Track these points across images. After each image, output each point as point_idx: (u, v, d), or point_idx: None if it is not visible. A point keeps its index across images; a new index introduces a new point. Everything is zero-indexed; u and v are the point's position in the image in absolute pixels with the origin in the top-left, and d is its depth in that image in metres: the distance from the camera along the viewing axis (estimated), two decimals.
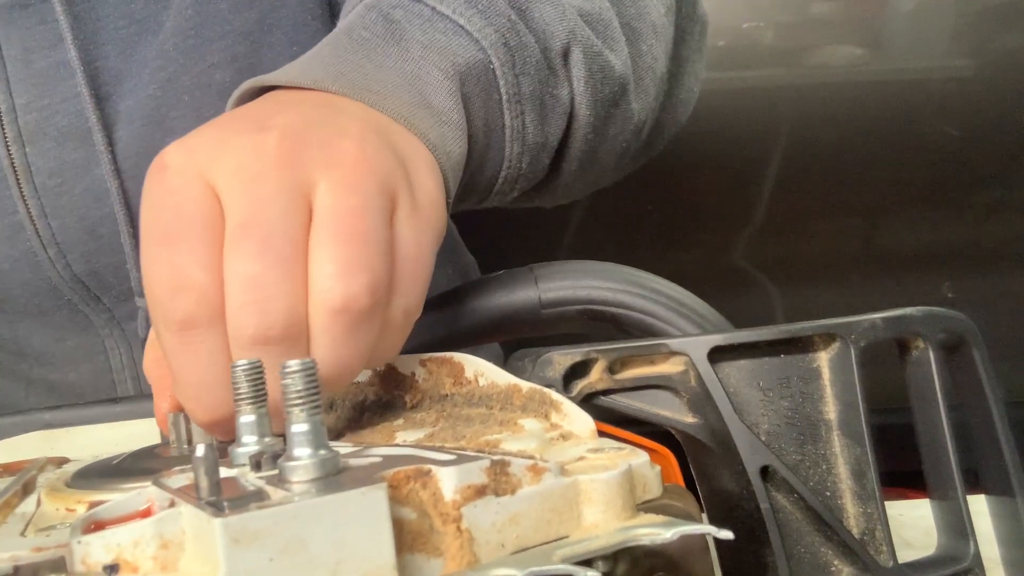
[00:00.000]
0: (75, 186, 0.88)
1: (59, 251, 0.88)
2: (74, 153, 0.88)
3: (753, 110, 1.67)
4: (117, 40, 0.86)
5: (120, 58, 0.87)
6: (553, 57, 0.67)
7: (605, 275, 0.60)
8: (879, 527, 0.46)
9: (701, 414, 0.48)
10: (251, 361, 0.40)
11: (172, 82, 0.87)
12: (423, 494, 0.32)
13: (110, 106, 0.86)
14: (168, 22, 0.86)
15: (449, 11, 0.63)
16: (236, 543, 0.28)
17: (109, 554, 0.31)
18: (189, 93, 0.86)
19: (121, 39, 0.87)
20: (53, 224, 0.88)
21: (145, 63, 0.87)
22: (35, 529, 0.40)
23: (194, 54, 0.87)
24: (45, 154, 0.87)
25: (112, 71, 0.86)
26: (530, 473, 0.33)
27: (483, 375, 0.48)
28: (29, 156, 0.87)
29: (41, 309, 0.92)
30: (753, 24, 1.65)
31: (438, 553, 0.31)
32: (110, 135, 0.86)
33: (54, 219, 0.88)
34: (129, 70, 0.87)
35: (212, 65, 0.87)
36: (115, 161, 0.86)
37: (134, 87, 0.87)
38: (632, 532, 0.33)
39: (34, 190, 0.87)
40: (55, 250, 0.88)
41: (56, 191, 0.88)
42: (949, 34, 1.66)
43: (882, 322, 0.49)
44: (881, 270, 1.71)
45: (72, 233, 0.88)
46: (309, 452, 0.32)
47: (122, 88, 0.87)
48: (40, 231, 0.88)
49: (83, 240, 0.89)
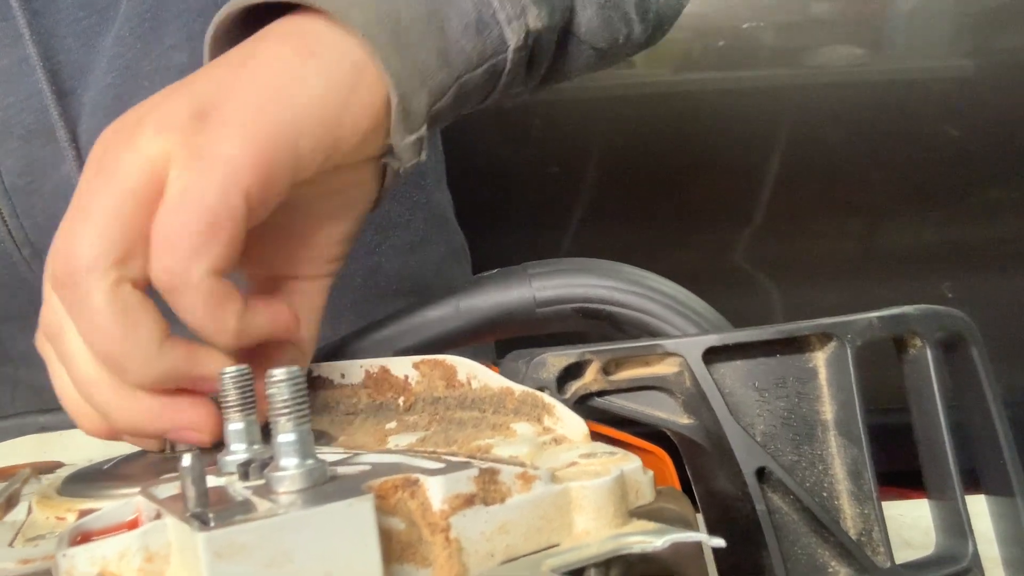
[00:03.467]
0: (44, 184, 0.87)
1: (33, 251, 0.87)
2: (41, 151, 0.86)
3: (753, 110, 1.67)
4: (78, 32, 0.85)
5: (83, 51, 0.85)
6: None
7: (601, 273, 0.60)
8: (876, 528, 0.46)
9: (696, 415, 0.48)
10: (239, 368, 0.39)
11: (131, 68, 0.85)
12: (411, 504, 0.32)
13: (74, 100, 0.85)
14: (122, 6, 0.84)
15: None
16: (219, 557, 0.27)
17: (94, 567, 0.31)
18: (149, 78, 0.84)
19: (82, 30, 0.85)
20: (25, 224, 0.87)
21: (104, 53, 0.85)
22: (24, 539, 0.39)
23: (151, 37, 0.84)
24: (12, 153, 0.86)
25: (74, 64, 0.85)
26: (520, 481, 0.33)
27: (476, 378, 0.48)
28: None
29: (21, 311, 0.91)
30: (753, 24, 1.65)
31: (427, 563, 0.31)
32: (73, 130, 0.85)
33: (26, 219, 0.87)
34: (91, 62, 0.85)
35: (171, 47, 0.85)
36: (79, 157, 0.85)
37: (96, 79, 0.85)
38: (623, 540, 0.33)
39: (4, 190, 0.86)
40: (29, 250, 0.87)
41: (25, 190, 0.87)
42: (949, 34, 1.66)
43: (879, 321, 0.49)
44: (881, 270, 1.70)
45: (45, 232, 0.87)
46: (296, 462, 0.32)
47: (85, 81, 0.85)
48: (13, 232, 0.87)
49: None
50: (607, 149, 1.60)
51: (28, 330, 0.94)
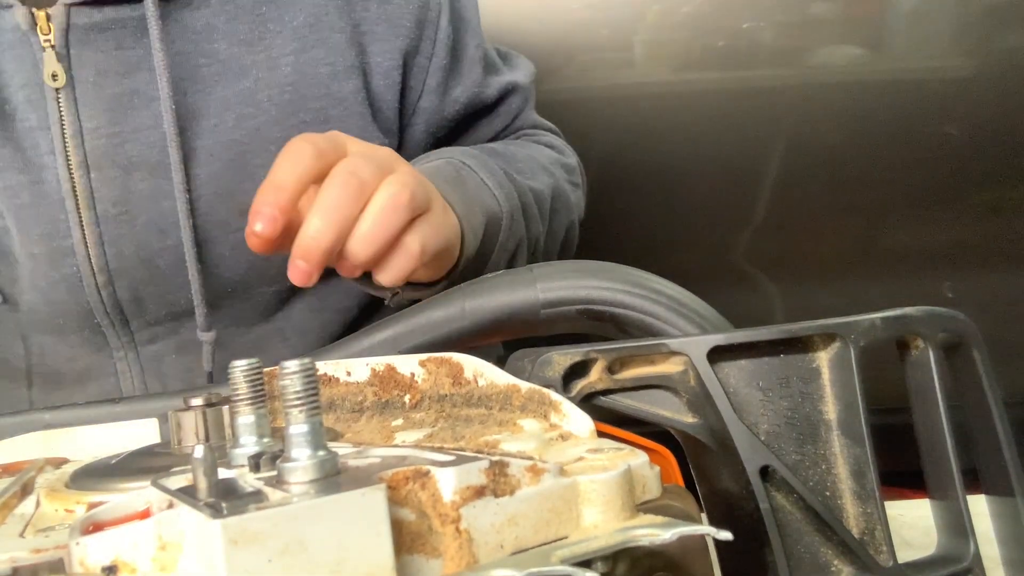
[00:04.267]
0: (138, 216, 0.89)
1: (108, 278, 0.90)
2: (141, 183, 0.89)
3: (753, 110, 1.67)
4: (196, 77, 0.89)
5: (198, 95, 0.89)
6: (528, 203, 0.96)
7: (604, 275, 0.60)
8: (879, 527, 0.46)
9: (701, 414, 0.48)
10: (250, 361, 0.40)
11: (260, 131, 0.90)
12: (422, 495, 0.32)
13: (185, 142, 0.88)
14: (262, 73, 0.90)
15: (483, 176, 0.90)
16: (235, 544, 0.27)
17: (107, 555, 0.31)
18: (276, 144, 0.88)
19: (201, 77, 0.89)
20: (109, 252, 0.89)
21: (227, 105, 0.89)
22: (34, 530, 0.40)
23: (288, 108, 0.91)
24: (110, 182, 0.88)
25: (188, 107, 0.88)
26: (529, 474, 0.33)
27: (482, 375, 0.48)
28: (93, 182, 0.88)
29: (62, 328, 0.93)
30: (753, 24, 1.65)
31: (437, 554, 0.31)
32: (188, 171, 0.88)
33: (111, 247, 0.89)
34: (207, 109, 0.89)
35: (304, 122, 0.92)
36: (190, 199, 0.88)
37: (214, 127, 0.89)
38: (631, 533, 0.33)
39: (94, 216, 0.88)
40: (104, 277, 0.90)
41: (117, 219, 0.89)
42: (949, 34, 1.66)
43: (882, 322, 0.49)
44: (881, 270, 1.70)
45: (127, 261, 0.90)
46: (308, 453, 0.32)
47: (198, 126, 0.89)
48: (93, 258, 0.89)
49: (136, 268, 0.90)
50: (607, 149, 1.60)
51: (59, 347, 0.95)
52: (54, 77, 0.85)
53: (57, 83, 0.85)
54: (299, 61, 0.92)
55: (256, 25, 0.91)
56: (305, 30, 0.92)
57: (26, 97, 0.86)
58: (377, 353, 0.58)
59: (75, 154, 0.86)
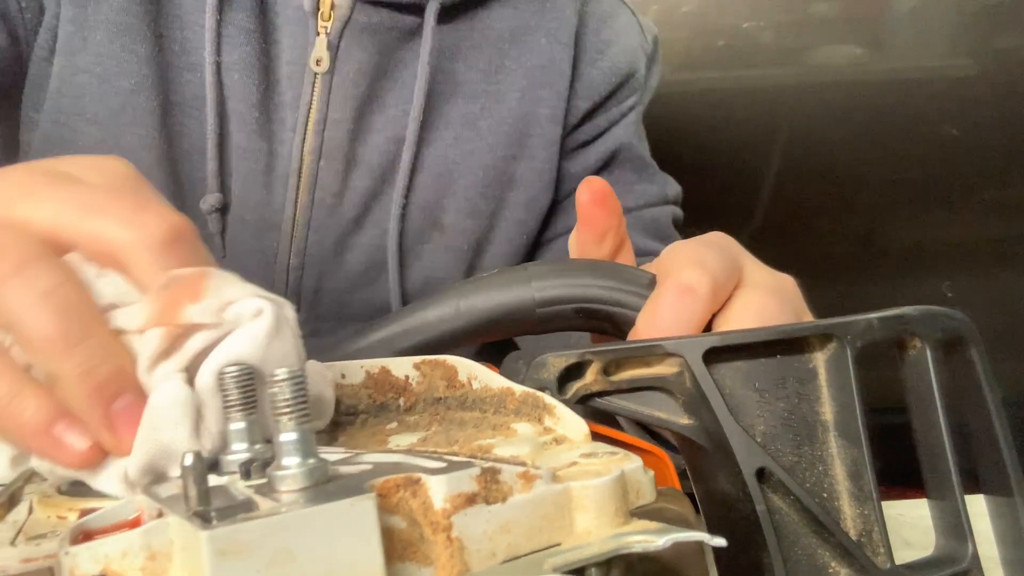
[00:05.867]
0: (348, 212, 0.94)
1: (301, 262, 0.94)
2: (359, 181, 0.94)
3: (753, 110, 1.67)
4: (431, 92, 0.93)
5: (429, 109, 0.93)
6: None
7: (600, 273, 0.60)
8: (876, 528, 0.46)
9: (696, 416, 0.48)
10: (240, 367, 0.39)
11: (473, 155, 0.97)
12: (413, 503, 0.32)
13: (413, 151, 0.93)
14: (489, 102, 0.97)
15: None
16: (223, 555, 0.27)
17: (97, 565, 0.31)
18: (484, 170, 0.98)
19: (434, 92, 0.94)
20: (312, 237, 0.93)
21: (449, 123, 0.95)
22: (26, 537, 0.39)
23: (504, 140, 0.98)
24: (335, 173, 0.92)
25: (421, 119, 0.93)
26: (521, 480, 0.33)
27: (477, 378, 0.48)
28: (320, 170, 0.92)
29: None
30: (753, 24, 1.65)
31: (428, 562, 0.31)
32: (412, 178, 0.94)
33: (315, 233, 0.93)
34: (430, 122, 0.94)
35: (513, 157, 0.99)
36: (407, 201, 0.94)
37: (432, 140, 0.95)
38: (625, 539, 0.33)
39: (310, 201, 0.92)
40: (299, 260, 0.94)
41: (331, 209, 0.93)
42: (949, 34, 1.66)
43: (879, 322, 0.49)
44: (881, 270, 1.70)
45: (325, 252, 0.94)
46: (298, 461, 0.32)
47: (425, 136, 0.94)
48: (295, 239, 0.93)
49: (329, 260, 0.95)
50: None
51: None
52: (318, 62, 0.89)
53: (320, 69, 0.89)
54: (525, 99, 0.97)
55: (496, 57, 0.96)
56: (537, 72, 0.98)
57: (288, 74, 0.90)
58: (372, 354, 0.58)
59: (312, 139, 0.91)
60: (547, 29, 0.98)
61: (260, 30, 0.89)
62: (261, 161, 0.91)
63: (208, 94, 0.88)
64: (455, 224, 0.97)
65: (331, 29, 0.89)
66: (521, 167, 0.99)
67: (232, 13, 0.88)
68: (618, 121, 1.05)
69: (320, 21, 0.88)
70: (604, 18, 1.03)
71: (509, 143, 0.97)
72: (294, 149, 0.90)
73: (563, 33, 0.98)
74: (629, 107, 1.06)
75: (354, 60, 0.90)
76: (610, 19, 1.03)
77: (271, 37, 0.90)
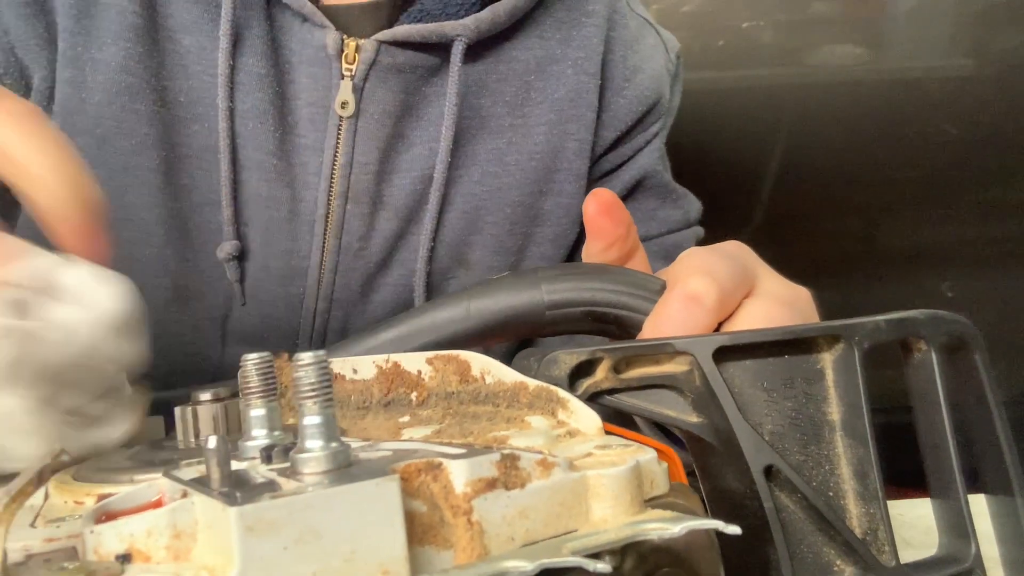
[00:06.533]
0: (375, 254, 0.93)
1: (328, 306, 0.92)
2: (385, 223, 0.92)
3: (753, 110, 1.67)
4: (460, 128, 0.91)
5: (455, 146, 0.91)
6: None
7: (608, 277, 0.60)
8: (882, 527, 0.46)
9: (705, 414, 0.48)
10: (261, 354, 0.40)
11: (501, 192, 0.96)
12: (434, 487, 0.32)
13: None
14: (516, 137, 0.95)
15: None
16: (251, 532, 0.28)
17: (122, 543, 0.31)
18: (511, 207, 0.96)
19: (460, 128, 0.91)
20: (339, 282, 0.92)
21: (476, 159, 0.93)
22: (44, 521, 0.40)
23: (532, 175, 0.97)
24: (362, 217, 0.91)
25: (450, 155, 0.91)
26: (540, 467, 0.34)
27: (490, 373, 0.48)
28: (347, 214, 0.90)
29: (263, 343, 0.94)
30: (753, 23, 1.66)
31: (448, 545, 0.32)
32: (440, 217, 0.92)
33: (342, 277, 0.92)
34: (457, 160, 0.92)
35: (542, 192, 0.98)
36: (435, 241, 0.93)
37: (459, 178, 0.93)
38: (640, 527, 0.33)
39: (337, 245, 0.91)
40: (326, 304, 0.92)
41: (356, 253, 0.92)
42: (949, 34, 1.66)
43: (886, 324, 0.49)
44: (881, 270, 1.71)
45: (351, 294, 0.93)
46: (321, 444, 0.32)
47: (452, 174, 0.92)
48: (323, 285, 0.92)
49: (356, 301, 0.93)
50: None
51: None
52: (343, 106, 0.87)
53: (345, 112, 0.87)
54: (552, 132, 0.95)
55: (521, 90, 0.95)
56: (564, 103, 0.96)
57: (310, 116, 0.88)
58: (383, 352, 0.58)
59: (339, 183, 0.89)
60: (574, 59, 0.96)
61: (273, 74, 0.87)
62: (283, 208, 0.89)
63: (221, 142, 0.86)
64: (481, 261, 0.96)
65: (356, 72, 0.87)
66: (548, 202, 0.97)
67: (243, 58, 0.86)
68: (643, 148, 1.04)
69: (344, 64, 0.87)
70: (631, 43, 1.01)
71: (536, 178, 0.96)
72: (320, 194, 0.89)
73: (590, 63, 0.97)
74: (654, 133, 1.04)
75: (379, 101, 0.88)
76: (636, 44, 1.02)
77: (286, 79, 0.88)
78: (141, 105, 0.85)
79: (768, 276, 0.59)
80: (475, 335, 0.61)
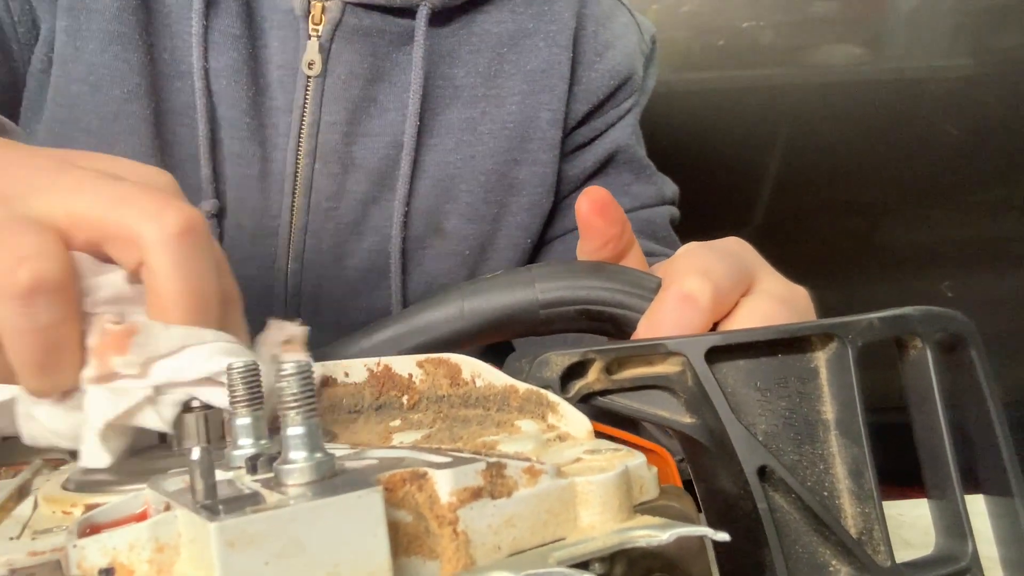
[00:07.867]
0: (345, 215, 0.94)
1: (300, 266, 0.94)
2: (356, 185, 0.94)
3: (753, 110, 1.67)
4: (429, 97, 0.94)
5: (426, 114, 0.94)
6: None
7: (603, 275, 0.60)
8: (877, 527, 0.46)
9: (698, 414, 0.48)
10: (246, 362, 0.40)
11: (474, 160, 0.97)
12: (419, 496, 0.32)
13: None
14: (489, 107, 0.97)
15: None
16: (231, 546, 0.27)
17: (105, 557, 0.31)
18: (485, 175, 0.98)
19: (433, 97, 0.94)
20: (309, 241, 0.93)
21: (450, 129, 0.95)
22: (32, 532, 0.40)
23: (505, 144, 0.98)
24: (331, 177, 0.93)
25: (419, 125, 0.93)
26: (526, 475, 0.33)
27: (480, 376, 0.48)
28: (316, 173, 0.92)
29: None
30: (753, 23, 1.65)
31: (434, 555, 0.31)
32: (412, 184, 0.94)
33: (312, 237, 0.94)
34: (431, 128, 0.95)
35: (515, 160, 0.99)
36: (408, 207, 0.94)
37: (433, 146, 0.95)
38: (629, 534, 0.33)
39: (307, 204, 0.92)
40: (297, 264, 0.94)
41: (327, 213, 0.93)
42: (949, 34, 1.66)
43: (880, 322, 0.49)
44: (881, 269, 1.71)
45: (323, 255, 0.94)
46: (305, 455, 0.32)
47: (420, 143, 0.94)
48: (293, 243, 0.93)
49: (328, 264, 0.95)
50: None
51: None
52: (310, 65, 0.90)
53: (312, 72, 0.90)
54: (525, 103, 0.98)
55: (494, 62, 0.97)
56: (537, 75, 0.98)
57: (279, 78, 0.91)
58: (376, 354, 0.58)
59: (307, 143, 0.91)
60: (545, 32, 0.98)
61: (247, 35, 0.90)
62: (255, 166, 0.91)
63: (198, 101, 0.88)
64: (457, 230, 0.98)
65: (322, 32, 0.89)
66: (523, 171, 0.99)
67: (218, 19, 0.88)
68: (615, 123, 1.06)
69: (311, 24, 0.89)
70: (602, 20, 1.03)
71: (510, 147, 0.98)
72: (288, 153, 0.91)
73: (561, 36, 0.99)
74: (627, 109, 1.06)
75: (345, 62, 0.91)
76: (608, 21, 1.04)
77: (259, 42, 0.91)
78: (133, 55, 0.87)
79: (767, 274, 0.59)
80: (469, 335, 0.61)
